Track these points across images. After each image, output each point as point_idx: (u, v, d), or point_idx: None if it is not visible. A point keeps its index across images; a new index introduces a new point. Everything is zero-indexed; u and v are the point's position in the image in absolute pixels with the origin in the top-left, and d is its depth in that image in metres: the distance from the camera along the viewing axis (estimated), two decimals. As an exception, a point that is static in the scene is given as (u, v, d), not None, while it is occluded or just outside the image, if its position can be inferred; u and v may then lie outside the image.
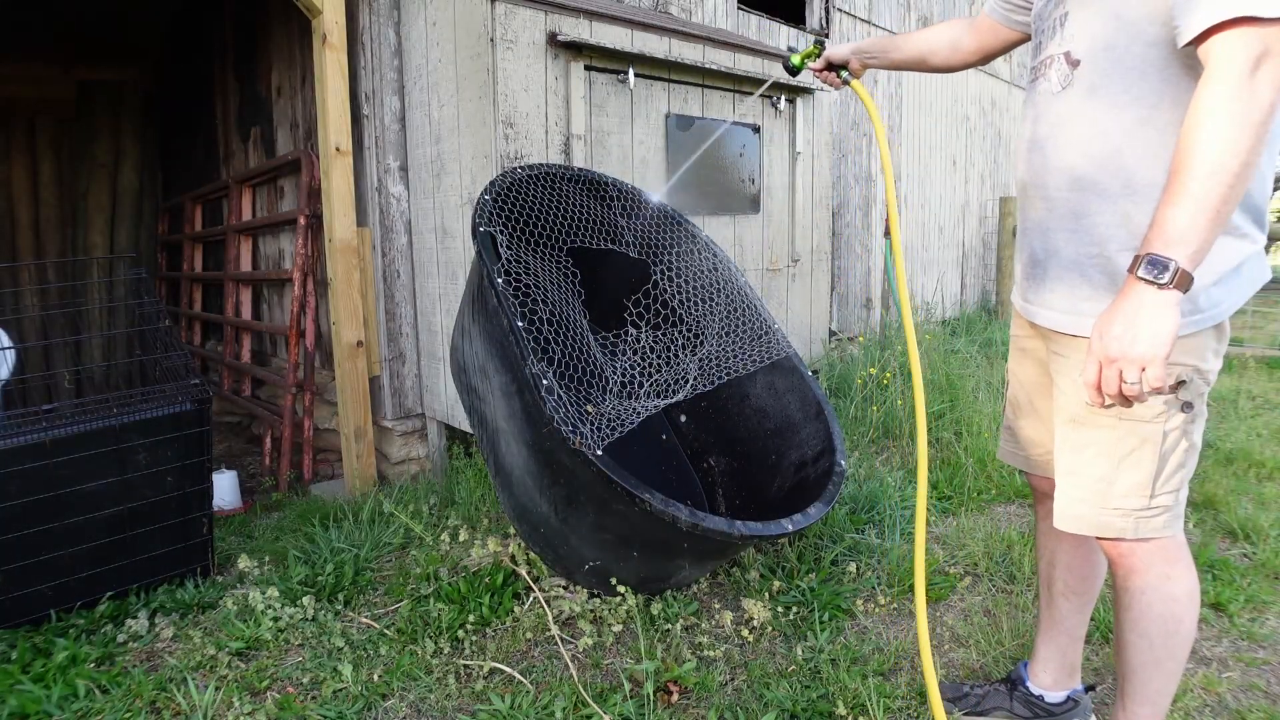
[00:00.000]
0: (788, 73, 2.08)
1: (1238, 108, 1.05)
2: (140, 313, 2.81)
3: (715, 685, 1.87)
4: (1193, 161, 1.07)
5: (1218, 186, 1.06)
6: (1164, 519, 1.35)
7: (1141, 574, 1.38)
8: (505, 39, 2.72)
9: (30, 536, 2.12)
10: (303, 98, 4.21)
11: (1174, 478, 1.33)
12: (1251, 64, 1.05)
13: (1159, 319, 1.10)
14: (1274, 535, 2.61)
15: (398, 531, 2.75)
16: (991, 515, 2.92)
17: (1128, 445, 1.32)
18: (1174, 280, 1.08)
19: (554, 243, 2.31)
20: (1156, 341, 1.10)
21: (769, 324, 2.46)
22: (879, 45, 1.92)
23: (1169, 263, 1.08)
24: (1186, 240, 1.08)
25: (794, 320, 4.09)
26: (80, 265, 6.29)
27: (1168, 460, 1.32)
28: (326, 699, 1.84)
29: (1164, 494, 1.33)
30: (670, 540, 1.86)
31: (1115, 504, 1.35)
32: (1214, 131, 1.06)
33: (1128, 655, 1.44)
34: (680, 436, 2.82)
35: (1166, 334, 1.10)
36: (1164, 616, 1.38)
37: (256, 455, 4.69)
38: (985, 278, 8.31)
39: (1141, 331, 1.10)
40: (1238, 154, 1.05)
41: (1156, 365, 1.10)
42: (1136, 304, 1.11)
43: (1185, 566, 1.39)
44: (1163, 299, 1.09)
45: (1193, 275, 1.09)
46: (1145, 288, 1.11)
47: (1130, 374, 1.12)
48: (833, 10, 5.74)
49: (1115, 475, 1.34)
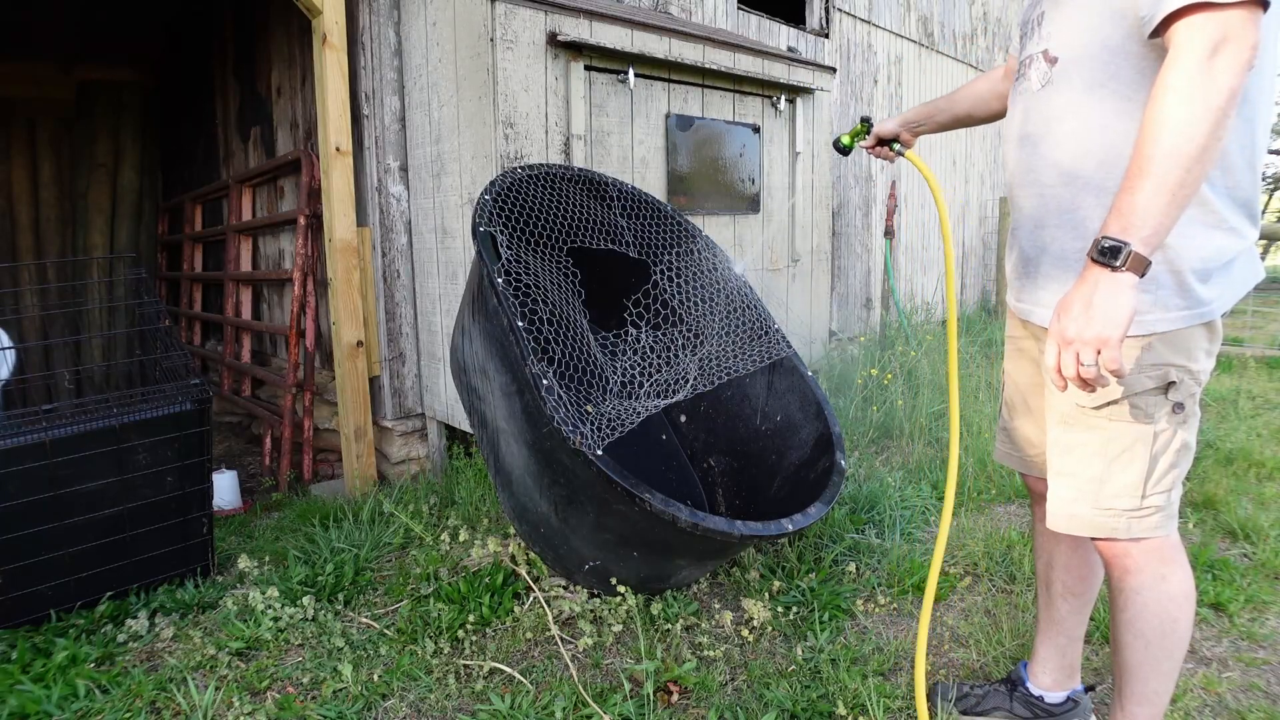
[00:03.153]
0: (839, 153, 2.12)
1: (1196, 92, 1.05)
2: (140, 313, 2.81)
3: (715, 685, 1.87)
4: (1150, 145, 1.08)
5: (1174, 169, 1.06)
6: (1157, 519, 1.35)
7: (1136, 574, 1.38)
8: (505, 39, 2.72)
9: (30, 536, 2.12)
10: (303, 98, 4.21)
11: (1166, 478, 1.34)
12: (1210, 49, 1.06)
13: (1113, 301, 1.11)
14: (1274, 535, 2.61)
15: (398, 531, 2.75)
16: (991, 515, 2.92)
17: (1119, 446, 1.33)
18: (1127, 263, 1.10)
19: (554, 243, 2.31)
20: (1111, 323, 1.11)
21: (769, 324, 2.46)
22: (924, 113, 1.93)
23: (1123, 246, 1.10)
24: (1142, 223, 1.09)
25: (794, 320, 4.09)
26: (80, 265, 6.28)
27: (1159, 461, 1.32)
28: (326, 699, 1.84)
29: (1156, 494, 1.34)
30: (670, 540, 1.86)
31: (1107, 504, 1.35)
32: (1171, 115, 1.07)
33: (1125, 656, 1.44)
34: (680, 436, 2.82)
35: (1121, 316, 1.11)
36: (1160, 617, 1.38)
37: (256, 455, 4.69)
38: (985, 278, 8.31)
39: (1096, 313, 1.12)
40: (1194, 138, 1.06)
41: (1111, 347, 1.11)
42: (1092, 286, 1.13)
43: (1180, 566, 1.39)
44: (1117, 281, 1.11)
45: (1149, 259, 1.10)
46: (1100, 270, 1.12)
47: (1086, 356, 1.13)
48: (832, 10, 5.74)
49: (1107, 475, 1.35)
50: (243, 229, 4.84)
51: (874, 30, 6.22)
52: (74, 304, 6.10)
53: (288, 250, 4.49)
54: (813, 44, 5.59)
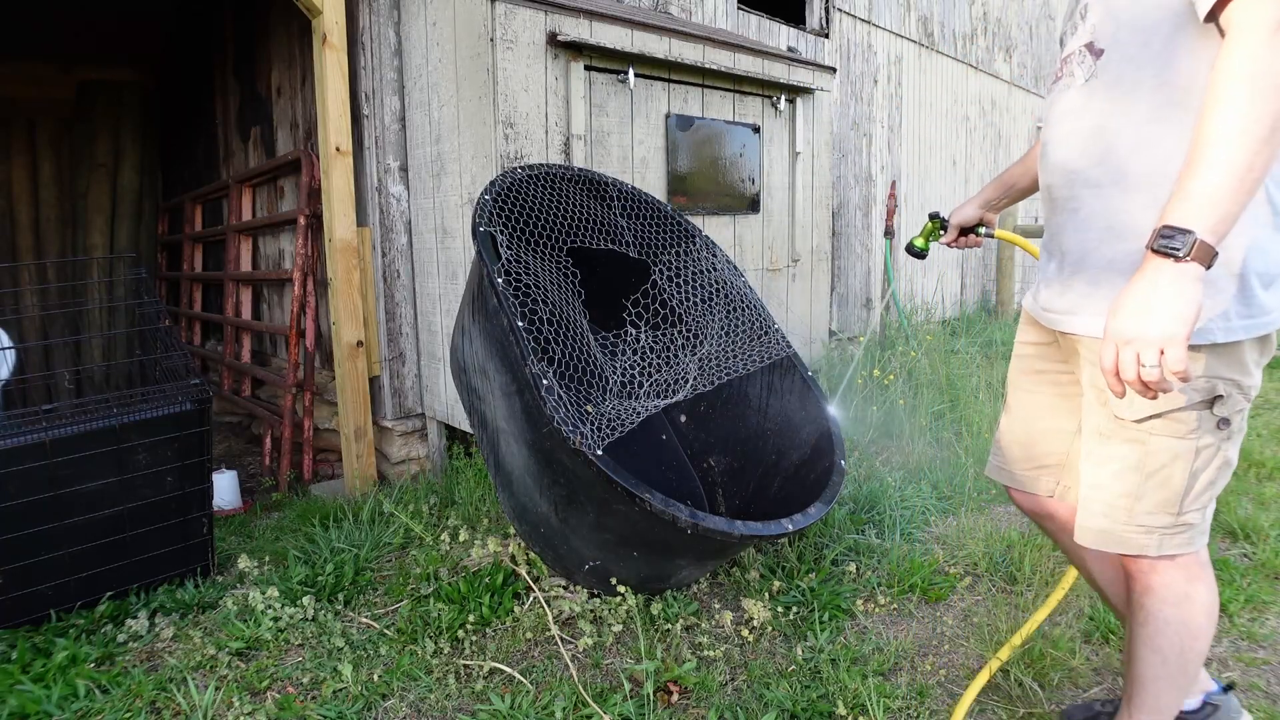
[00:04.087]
0: (915, 257, 2.00)
1: (1260, 69, 0.99)
2: (140, 313, 2.81)
3: (715, 685, 1.87)
4: (1215, 126, 1.01)
5: (1242, 151, 0.99)
6: (1188, 535, 1.28)
7: (1160, 591, 1.32)
8: (505, 39, 2.72)
9: (30, 536, 2.12)
10: (303, 98, 4.21)
11: (1203, 495, 1.27)
12: (1273, 27, 1.00)
13: (1178, 295, 1.01)
14: (1274, 535, 2.61)
15: (398, 531, 2.75)
16: (991, 515, 2.92)
17: (1157, 461, 1.25)
18: (1191, 252, 1.00)
19: (554, 243, 2.31)
20: (1176, 319, 1.01)
21: (769, 324, 2.46)
22: (1002, 188, 1.80)
23: (1187, 233, 1.00)
24: (1208, 210, 1.01)
25: (794, 320, 4.09)
26: (80, 265, 6.28)
27: (1198, 478, 1.25)
28: (326, 699, 1.84)
29: (1191, 511, 1.27)
30: (670, 540, 1.86)
31: (1140, 521, 1.28)
32: (1236, 95, 1.00)
33: (1139, 670, 1.38)
34: (680, 436, 2.82)
35: (1187, 311, 1.01)
36: (1180, 634, 1.32)
37: (256, 455, 4.69)
38: (985, 278, 8.31)
39: (1159, 309, 1.01)
40: (1261, 117, 0.99)
41: (1177, 345, 1.00)
42: (1153, 280, 1.03)
43: (1205, 584, 1.33)
44: (1182, 273, 1.01)
45: (1215, 248, 1.01)
46: (1161, 262, 1.02)
47: (1148, 356, 1.02)
48: (832, 10, 5.74)
49: (1142, 492, 1.27)
50: (243, 229, 4.84)
51: (874, 30, 6.23)
52: (74, 304, 6.10)
53: (288, 250, 4.49)
54: (813, 44, 5.59)
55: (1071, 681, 1.89)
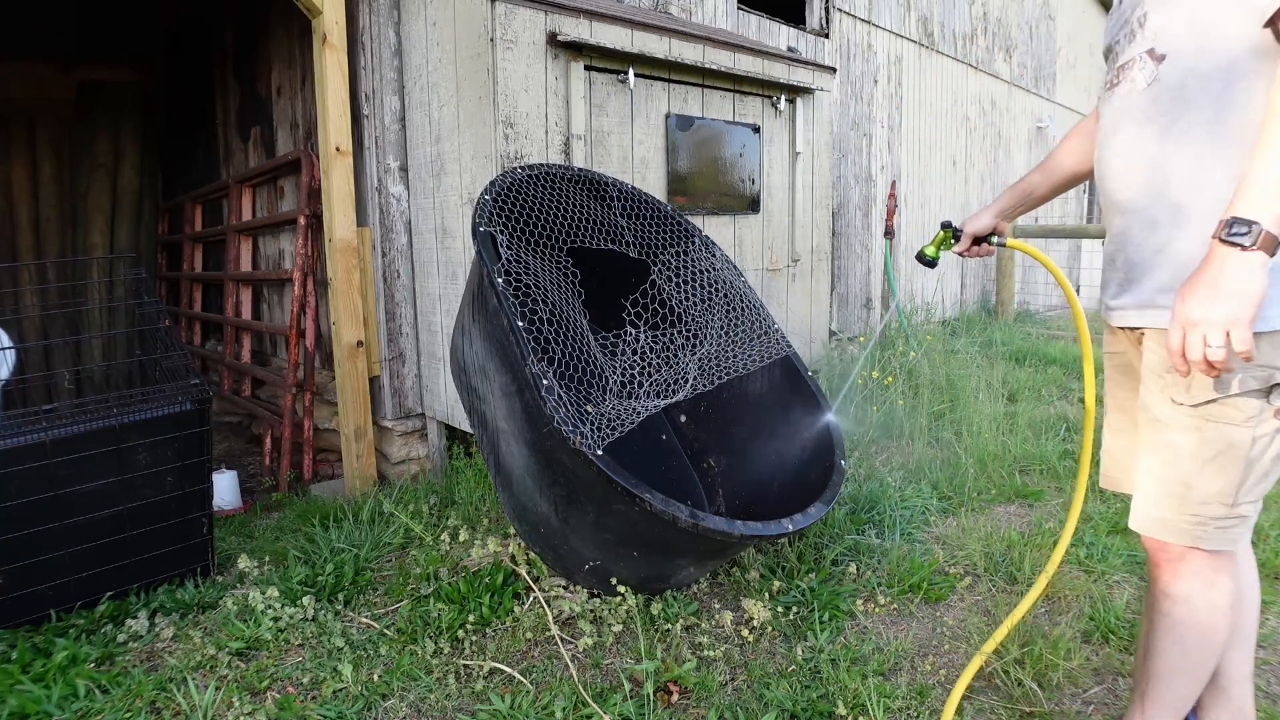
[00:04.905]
0: (927, 266, 1.98)
1: None
2: (140, 313, 2.81)
3: (715, 685, 1.87)
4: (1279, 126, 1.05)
5: None
6: (1239, 529, 1.30)
7: (1188, 580, 1.33)
8: (505, 39, 2.72)
9: (30, 536, 2.12)
10: (303, 98, 4.21)
11: (1258, 487, 1.28)
12: None
13: (1244, 280, 1.06)
14: (1274, 535, 2.61)
15: (398, 531, 2.75)
16: (991, 515, 2.92)
17: (1213, 449, 1.26)
18: (1258, 242, 1.05)
19: (554, 243, 2.31)
20: (1241, 302, 1.06)
21: (769, 324, 2.46)
22: (1018, 196, 1.79)
23: (1253, 224, 1.06)
24: (1272, 202, 1.05)
25: (794, 320, 4.09)
26: (80, 265, 6.28)
27: (1254, 468, 1.26)
28: (326, 699, 1.84)
29: (1245, 503, 1.28)
30: (670, 540, 1.86)
31: (1193, 510, 1.29)
32: None
33: (1157, 662, 1.38)
34: (680, 436, 2.82)
35: (1253, 295, 1.06)
36: (1204, 625, 1.33)
37: (256, 455, 4.69)
38: (985, 278, 8.31)
39: (1225, 293, 1.07)
40: None
41: (1242, 327, 1.06)
42: (1219, 267, 1.08)
43: (1231, 576, 1.34)
44: (1248, 261, 1.06)
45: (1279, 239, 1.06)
46: (1228, 250, 1.07)
47: (1214, 337, 1.07)
48: (832, 10, 5.74)
49: (1195, 480, 1.28)
50: (243, 229, 4.84)
51: (874, 30, 6.23)
52: (74, 304, 6.09)
53: (288, 250, 4.49)
54: (813, 44, 5.59)
55: (1071, 682, 1.89)
